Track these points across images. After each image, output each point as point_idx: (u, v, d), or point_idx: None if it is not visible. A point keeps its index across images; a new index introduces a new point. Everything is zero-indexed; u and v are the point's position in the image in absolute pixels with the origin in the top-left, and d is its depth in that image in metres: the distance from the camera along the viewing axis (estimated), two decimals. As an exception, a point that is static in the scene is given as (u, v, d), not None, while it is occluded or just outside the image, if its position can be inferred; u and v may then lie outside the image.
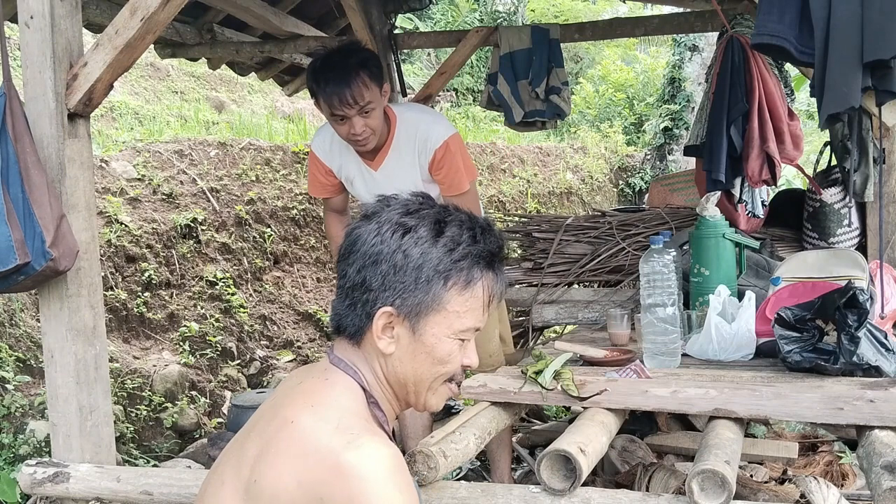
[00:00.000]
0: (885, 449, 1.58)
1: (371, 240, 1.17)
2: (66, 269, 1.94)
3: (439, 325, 1.18)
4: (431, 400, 1.25)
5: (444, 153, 2.56)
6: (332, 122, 2.49)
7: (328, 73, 2.40)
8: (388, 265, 1.15)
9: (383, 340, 1.18)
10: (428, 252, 1.15)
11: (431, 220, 1.18)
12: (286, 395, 1.21)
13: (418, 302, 1.16)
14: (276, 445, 1.09)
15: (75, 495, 2.00)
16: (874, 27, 1.94)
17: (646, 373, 2.05)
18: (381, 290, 1.16)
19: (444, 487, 1.65)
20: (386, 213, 1.19)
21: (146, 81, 8.07)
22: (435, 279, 1.15)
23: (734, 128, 2.87)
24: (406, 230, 1.16)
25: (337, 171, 2.70)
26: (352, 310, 1.19)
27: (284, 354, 5.23)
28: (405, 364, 1.20)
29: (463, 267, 1.17)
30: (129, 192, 4.99)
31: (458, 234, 1.17)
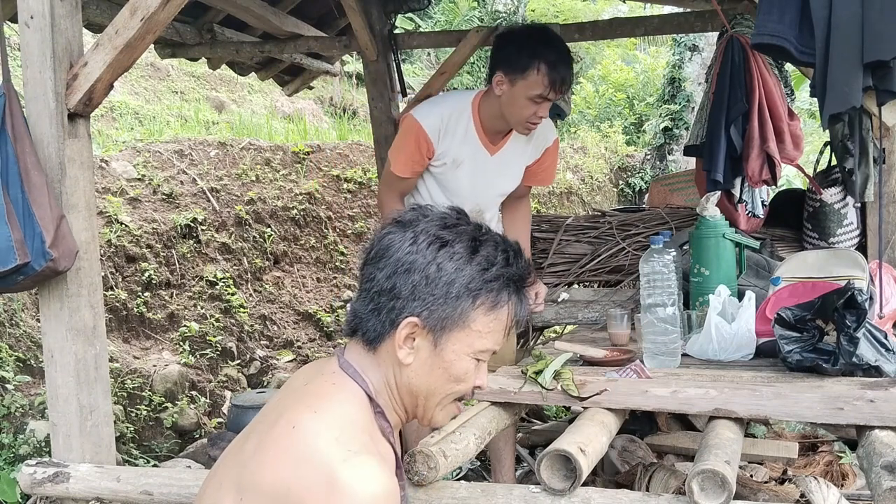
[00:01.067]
0: (885, 449, 1.58)
1: (406, 248, 1.16)
2: (66, 269, 1.94)
3: (461, 343, 1.18)
4: (439, 416, 1.26)
5: (554, 150, 2.69)
6: (525, 100, 2.38)
7: (559, 51, 2.35)
8: (421, 276, 1.15)
9: (403, 350, 1.17)
10: (462, 268, 1.16)
11: (468, 238, 1.18)
12: (291, 395, 1.20)
13: (445, 316, 1.16)
14: (275, 447, 1.09)
15: (75, 495, 2.00)
16: (874, 27, 1.94)
17: (646, 373, 2.05)
18: (410, 300, 1.16)
19: (444, 487, 1.65)
20: (423, 224, 1.19)
21: (146, 81, 8.07)
22: (465, 296, 1.16)
23: (734, 128, 2.87)
24: (443, 244, 1.16)
25: (441, 153, 2.56)
26: (375, 315, 1.18)
27: (284, 354, 5.23)
28: (420, 377, 1.20)
29: (493, 288, 1.18)
30: (129, 192, 4.99)
31: (492, 255, 1.18)
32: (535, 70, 2.35)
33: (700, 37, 10.50)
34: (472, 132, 2.55)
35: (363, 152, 6.85)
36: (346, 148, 6.86)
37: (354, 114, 9.61)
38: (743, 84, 2.87)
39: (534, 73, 2.35)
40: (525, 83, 2.37)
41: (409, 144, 2.54)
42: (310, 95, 9.34)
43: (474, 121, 2.54)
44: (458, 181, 2.61)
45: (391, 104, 4.26)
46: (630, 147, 11.62)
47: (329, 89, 9.85)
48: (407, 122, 2.55)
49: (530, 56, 2.35)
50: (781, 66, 3.09)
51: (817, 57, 2.00)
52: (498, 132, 2.56)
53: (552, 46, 2.37)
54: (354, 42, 4.17)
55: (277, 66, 4.87)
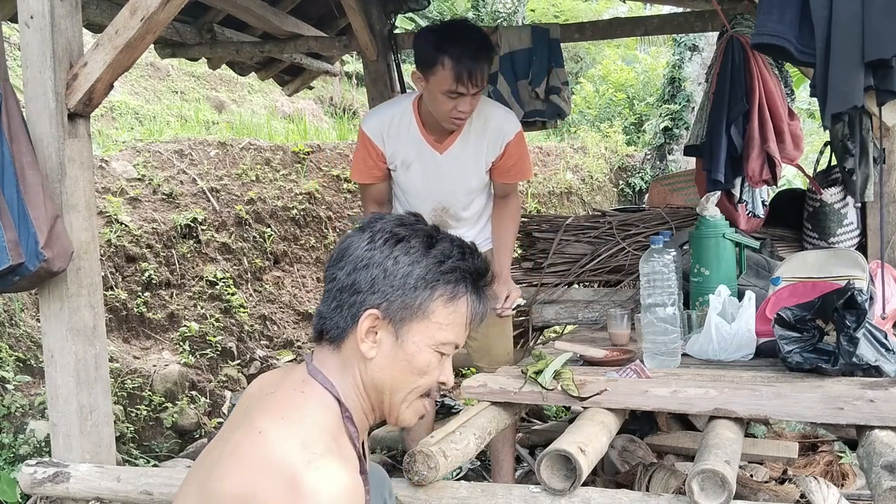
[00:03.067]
0: (885, 449, 1.58)
1: (364, 246, 1.21)
2: (61, 269, 1.94)
3: (421, 334, 1.21)
4: (405, 413, 1.27)
5: (517, 144, 2.61)
6: (441, 95, 2.35)
7: (464, 44, 2.30)
8: (379, 270, 1.19)
9: (366, 343, 1.20)
10: (418, 261, 1.20)
11: (424, 234, 1.23)
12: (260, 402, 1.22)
13: (404, 307, 1.19)
14: (240, 452, 1.10)
15: (75, 495, 2.00)
16: (875, 26, 1.94)
17: (646, 373, 2.05)
18: (370, 293, 1.19)
19: (444, 487, 1.65)
20: (380, 224, 1.23)
21: (146, 81, 8.07)
22: (422, 287, 1.19)
23: (734, 128, 2.87)
24: (399, 239, 1.21)
25: (390, 156, 2.58)
26: (338, 312, 1.21)
27: (284, 354, 5.23)
28: (384, 371, 1.21)
29: (450, 280, 1.21)
30: (129, 192, 4.99)
31: (448, 249, 1.22)
32: (441, 65, 2.31)
33: (700, 37, 10.50)
34: (415, 132, 2.54)
35: (363, 152, 6.84)
36: (346, 148, 6.86)
37: (354, 114, 9.61)
38: (743, 84, 2.87)
39: (439, 68, 2.31)
40: (434, 79, 2.34)
41: (360, 151, 2.61)
42: (310, 95, 9.34)
43: (416, 121, 2.53)
44: (410, 182, 2.63)
45: (391, 104, 4.26)
46: (630, 147, 11.62)
47: (329, 89, 9.85)
48: (361, 133, 2.61)
49: (435, 51, 2.32)
50: (781, 66, 3.09)
51: (818, 57, 2.00)
52: (442, 130, 2.53)
53: (457, 40, 2.32)
54: (354, 42, 4.17)
55: (277, 66, 4.87)
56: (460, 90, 2.32)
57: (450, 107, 2.37)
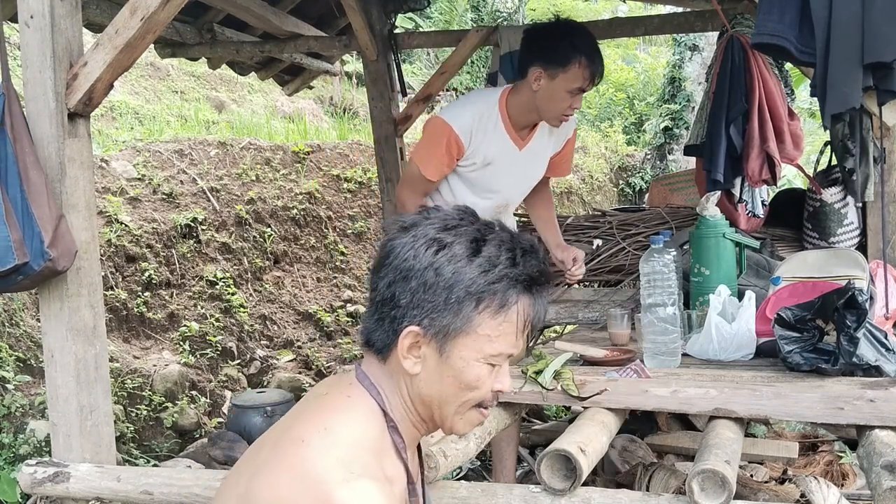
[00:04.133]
0: (885, 449, 1.58)
1: (404, 254, 1.12)
2: (65, 269, 1.94)
3: (468, 349, 1.12)
4: (458, 424, 1.20)
5: (574, 141, 2.75)
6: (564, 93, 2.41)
7: (593, 45, 2.43)
8: (419, 282, 1.10)
9: (409, 360, 1.13)
10: (461, 271, 1.10)
11: (469, 238, 1.12)
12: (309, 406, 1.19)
13: (447, 323, 1.10)
14: (281, 461, 1.08)
15: (75, 495, 2.00)
16: (875, 29, 1.94)
17: (646, 372, 2.05)
18: (410, 308, 1.11)
19: (444, 487, 1.65)
20: (423, 227, 1.13)
21: (146, 81, 8.07)
22: (466, 301, 1.10)
23: (734, 127, 2.87)
24: (441, 247, 1.11)
25: (471, 153, 2.54)
26: (380, 325, 1.15)
27: (284, 354, 5.23)
28: (431, 386, 1.15)
29: (497, 290, 1.11)
30: (129, 192, 4.99)
31: (495, 255, 1.12)
32: (577, 63, 2.39)
33: (700, 37, 10.49)
34: (500, 129, 2.56)
35: (363, 152, 6.85)
36: (346, 148, 6.86)
37: (354, 114, 9.61)
38: (743, 84, 2.87)
39: (575, 66, 2.39)
40: (566, 76, 2.41)
41: (440, 147, 2.51)
42: (310, 95, 9.34)
43: (503, 118, 2.55)
44: (488, 179, 2.61)
45: (391, 104, 4.26)
46: (630, 147, 11.61)
47: (329, 89, 9.85)
48: (436, 125, 2.52)
49: (570, 49, 2.40)
50: (781, 66, 3.09)
51: (818, 57, 2.00)
52: (525, 127, 2.58)
53: (587, 39, 2.44)
54: (354, 42, 4.17)
55: (277, 65, 4.87)
56: (586, 88, 2.43)
57: (567, 104, 2.45)
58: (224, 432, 3.84)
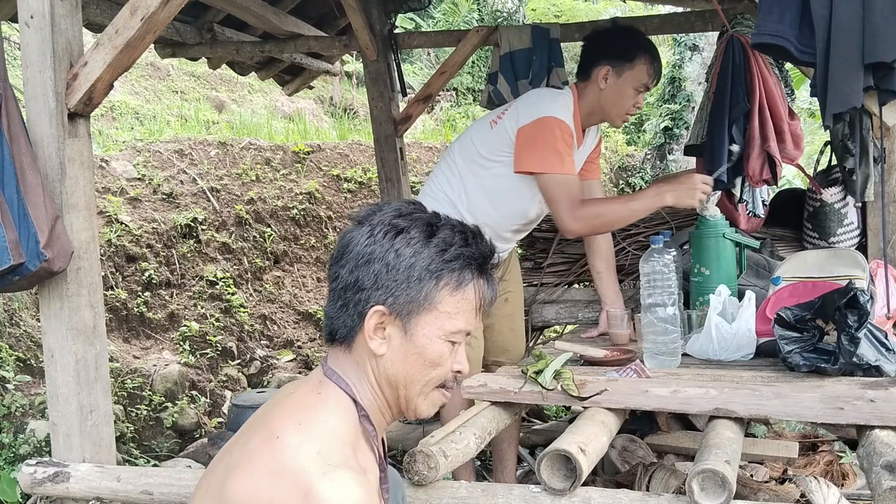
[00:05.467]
0: (885, 449, 1.58)
1: (364, 241, 1.18)
2: (61, 269, 1.94)
3: (430, 325, 1.19)
4: (422, 405, 1.25)
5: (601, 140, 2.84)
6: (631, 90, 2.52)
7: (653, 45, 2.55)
8: (381, 264, 1.16)
9: (375, 341, 1.18)
10: (420, 252, 1.17)
11: (423, 223, 1.20)
12: (278, 404, 1.21)
13: (410, 300, 1.17)
14: (257, 458, 1.09)
15: (75, 495, 2.00)
16: (875, 29, 1.94)
17: (646, 372, 2.05)
18: (374, 289, 1.17)
19: (444, 487, 1.65)
20: (378, 216, 1.21)
21: (146, 81, 8.07)
22: (426, 278, 1.17)
23: (735, 127, 2.87)
24: (398, 231, 1.18)
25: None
26: (344, 311, 1.19)
27: (284, 354, 5.23)
28: (396, 365, 1.20)
29: (455, 268, 1.18)
30: (129, 192, 4.99)
31: (449, 237, 1.19)
32: (642, 60, 2.50)
33: (700, 36, 10.49)
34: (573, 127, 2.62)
35: (363, 152, 6.85)
36: (346, 148, 6.87)
37: (354, 114, 9.61)
38: (744, 84, 2.86)
39: (641, 62, 2.50)
40: (633, 72, 2.51)
41: (566, 144, 2.48)
42: (310, 95, 9.34)
43: (574, 116, 2.59)
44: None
45: (391, 104, 4.26)
46: (630, 147, 11.61)
47: (329, 89, 9.85)
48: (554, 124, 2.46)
49: (636, 46, 2.52)
50: (781, 66, 3.09)
51: (818, 57, 2.00)
52: (585, 125, 2.65)
53: (647, 39, 2.59)
54: (354, 42, 4.17)
55: (277, 65, 4.87)
56: (650, 85, 2.53)
57: (632, 102, 2.55)
58: (224, 432, 3.84)
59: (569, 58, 3.02)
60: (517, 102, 2.65)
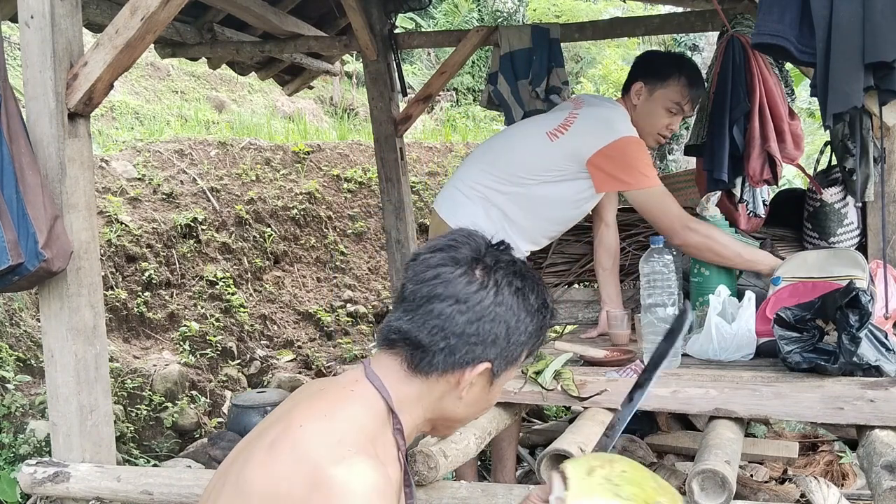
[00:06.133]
0: (885, 448, 1.58)
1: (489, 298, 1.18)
2: (60, 269, 1.94)
3: (508, 378, 1.25)
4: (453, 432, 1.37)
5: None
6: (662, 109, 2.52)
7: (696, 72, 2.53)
8: (503, 327, 1.18)
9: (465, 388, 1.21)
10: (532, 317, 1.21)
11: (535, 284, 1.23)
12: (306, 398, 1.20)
13: (511, 361, 1.22)
14: (280, 447, 1.09)
15: (75, 495, 2.00)
16: (875, 28, 1.94)
17: (646, 373, 2.05)
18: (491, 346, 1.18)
19: (444, 487, 1.65)
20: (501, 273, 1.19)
21: (146, 81, 8.07)
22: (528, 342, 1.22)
23: (736, 128, 2.87)
24: (522, 295, 1.20)
25: None
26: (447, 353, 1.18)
27: (284, 354, 5.23)
28: (466, 408, 1.24)
29: (542, 333, 1.25)
30: (129, 192, 4.99)
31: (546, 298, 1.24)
32: (676, 79, 2.48)
33: (700, 37, 10.48)
34: None
35: (363, 152, 6.85)
36: (346, 148, 6.87)
37: (355, 114, 9.61)
38: (744, 84, 2.86)
39: (674, 81, 2.48)
40: (664, 91, 2.50)
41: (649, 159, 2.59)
42: (310, 95, 9.34)
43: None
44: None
45: (391, 104, 4.26)
46: (630, 147, 11.60)
47: (329, 89, 9.85)
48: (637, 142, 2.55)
49: (672, 66, 2.50)
50: (782, 66, 3.09)
51: (818, 57, 2.00)
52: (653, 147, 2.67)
53: (692, 65, 2.55)
54: (354, 42, 4.17)
55: (277, 65, 4.87)
56: (685, 108, 2.50)
57: (665, 122, 2.53)
58: (224, 432, 3.84)
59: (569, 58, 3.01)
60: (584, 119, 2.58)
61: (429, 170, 7.24)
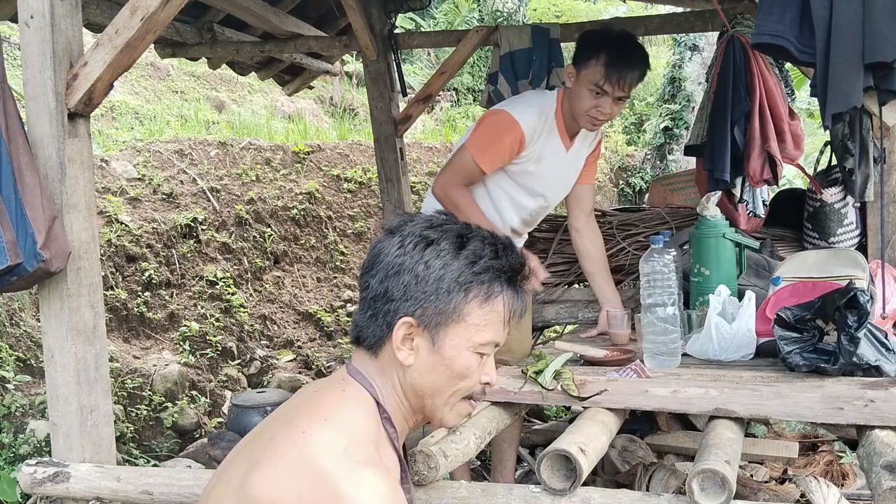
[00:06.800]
0: (885, 449, 1.58)
1: (394, 252, 1.18)
2: (59, 269, 1.94)
3: (459, 337, 1.18)
4: (448, 416, 1.25)
5: (600, 144, 2.78)
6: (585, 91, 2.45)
7: (622, 49, 2.44)
8: (410, 276, 1.17)
9: (402, 351, 1.18)
10: (450, 264, 1.17)
11: (454, 234, 1.20)
12: (302, 402, 1.21)
13: (439, 312, 1.17)
14: (282, 453, 1.09)
15: (75, 495, 2.00)
16: (875, 28, 1.94)
17: (646, 373, 2.05)
18: (403, 301, 1.17)
19: (444, 487, 1.65)
20: (409, 227, 1.21)
21: (146, 81, 8.07)
22: (455, 290, 1.17)
23: (737, 128, 2.87)
24: (429, 242, 1.18)
25: (529, 151, 2.58)
26: (373, 321, 1.20)
27: (284, 354, 5.23)
28: (423, 376, 1.20)
29: (484, 280, 1.18)
30: (129, 192, 4.99)
31: (479, 248, 1.19)
32: (595, 59, 2.43)
33: (700, 36, 10.49)
34: (554, 129, 2.60)
35: (363, 152, 6.85)
36: (346, 148, 6.87)
37: (355, 114, 9.61)
38: (744, 84, 2.87)
39: (593, 61, 2.44)
40: (586, 72, 2.46)
41: (503, 142, 2.53)
42: (310, 95, 9.34)
43: (557, 119, 2.59)
44: (535, 178, 2.64)
45: (391, 104, 4.26)
46: (630, 147, 11.62)
47: (329, 89, 9.85)
48: (502, 119, 2.54)
49: (594, 48, 2.46)
50: (782, 66, 3.09)
51: (818, 57, 2.00)
52: (572, 129, 2.62)
53: (619, 44, 2.46)
54: (354, 42, 4.17)
55: (277, 65, 4.87)
56: (605, 87, 2.42)
57: (591, 104, 2.46)
58: (224, 432, 3.85)
59: (568, 58, 3.00)
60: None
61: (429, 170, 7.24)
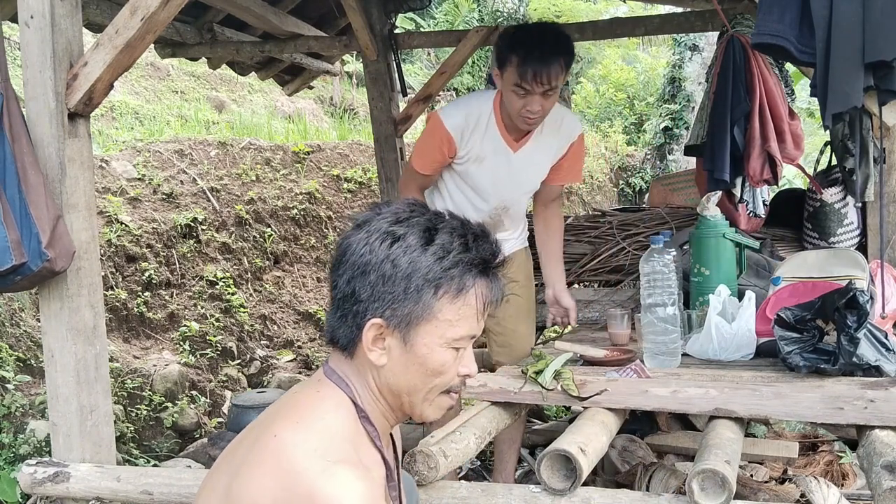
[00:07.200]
0: (885, 449, 1.58)
1: (360, 249, 1.15)
2: (63, 269, 1.94)
3: (431, 335, 1.15)
4: (428, 411, 1.23)
5: (579, 145, 2.73)
6: (510, 93, 2.43)
7: (533, 44, 2.39)
8: (377, 275, 1.13)
9: (374, 352, 1.16)
10: (417, 261, 1.13)
11: (421, 228, 1.15)
12: (282, 404, 1.21)
13: (408, 312, 1.14)
14: (258, 457, 1.09)
15: (75, 495, 2.00)
16: (875, 27, 1.94)
17: (646, 373, 2.05)
18: (371, 301, 1.14)
19: (444, 487, 1.65)
20: (375, 222, 1.17)
21: (146, 81, 8.07)
22: (425, 288, 1.13)
23: (737, 128, 2.87)
24: (395, 239, 1.14)
25: (465, 152, 2.58)
26: (343, 321, 1.17)
27: (284, 354, 5.23)
28: (398, 376, 1.18)
29: (454, 275, 1.14)
30: (129, 192, 4.99)
31: (448, 242, 1.15)
32: (509, 61, 2.40)
33: (700, 36, 10.50)
34: (493, 129, 2.58)
35: (363, 152, 6.85)
36: (346, 148, 6.87)
37: (354, 114, 9.61)
38: (744, 84, 2.87)
39: (510, 63, 2.41)
40: (507, 74, 2.43)
41: (432, 143, 2.57)
42: (310, 95, 9.34)
43: (496, 118, 2.57)
44: (480, 178, 2.64)
45: (391, 104, 4.27)
46: (630, 147, 11.62)
47: (329, 89, 9.85)
48: (432, 121, 2.58)
49: (508, 48, 2.42)
50: (782, 66, 3.09)
51: (818, 57, 2.00)
52: (518, 129, 2.59)
53: (530, 40, 2.41)
54: (354, 42, 4.18)
55: (277, 65, 4.87)
56: (525, 87, 2.38)
57: (519, 105, 2.43)
58: (224, 432, 3.84)
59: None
60: None
61: (429, 170, 7.22)
